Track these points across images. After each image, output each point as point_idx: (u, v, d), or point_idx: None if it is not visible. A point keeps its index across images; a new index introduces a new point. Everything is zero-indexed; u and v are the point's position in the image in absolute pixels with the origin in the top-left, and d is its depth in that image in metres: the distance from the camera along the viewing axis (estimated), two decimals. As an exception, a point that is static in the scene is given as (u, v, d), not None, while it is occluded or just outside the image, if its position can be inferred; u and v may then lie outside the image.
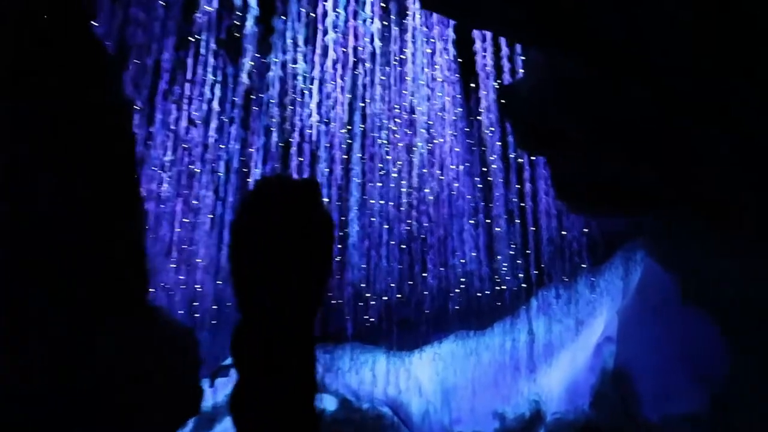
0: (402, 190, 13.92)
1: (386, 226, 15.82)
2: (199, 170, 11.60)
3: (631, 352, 12.20)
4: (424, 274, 17.52)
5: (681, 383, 11.19)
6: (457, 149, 13.69)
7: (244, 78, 10.85)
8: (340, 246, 17.10)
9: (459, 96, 13.05)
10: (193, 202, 12.00)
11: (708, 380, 10.75)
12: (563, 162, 8.67)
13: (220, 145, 12.53)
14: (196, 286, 15.29)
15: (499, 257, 16.57)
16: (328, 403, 19.70)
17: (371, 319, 18.92)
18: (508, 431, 15.75)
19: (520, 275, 16.59)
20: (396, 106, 12.47)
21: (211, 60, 11.30)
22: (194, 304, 15.46)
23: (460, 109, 13.71)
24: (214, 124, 11.90)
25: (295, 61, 11.22)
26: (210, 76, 11.16)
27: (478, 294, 17.00)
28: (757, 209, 6.72)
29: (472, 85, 14.09)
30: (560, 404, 14.18)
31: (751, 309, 9.33)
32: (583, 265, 15.41)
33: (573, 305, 15.95)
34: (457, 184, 14.12)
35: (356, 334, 19.90)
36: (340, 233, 16.88)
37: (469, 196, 15.01)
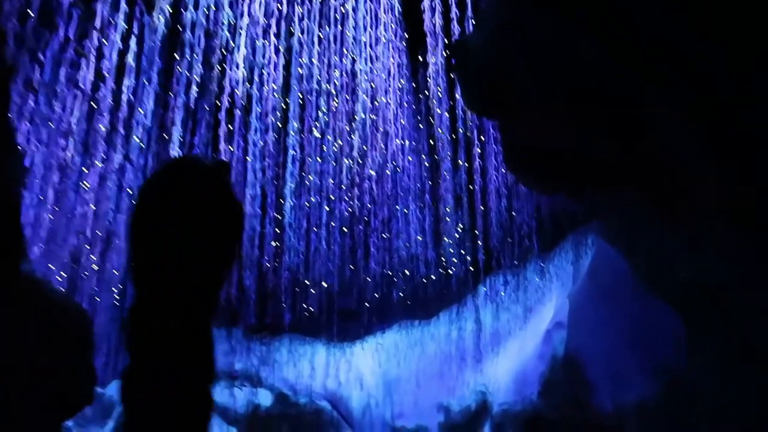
0: (343, 164, 12.81)
1: (326, 207, 14.72)
2: (109, 131, 10.15)
3: (583, 338, 11.52)
4: (366, 260, 16.53)
5: (634, 370, 10.55)
6: (402, 121, 12.69)
7: (160, 27, 9.49)
8: (277, 230, 15.96)
9: (405, 63, 12.03)
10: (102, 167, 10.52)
11: (662, 367, 10.14)
12: (515, 128, 7.85)
13: (139, 110, 11.09)
14: (114, 270, 13.81)
15: (446, 240, 15.74)
16: (263, 397, 18.41)
17: (310, 309, 17.83)
18: (452, 425, 14.90)
19: (467, 259, 15.80)
20: (336, 70, 11.34)
21: (124, 6, 9.90)
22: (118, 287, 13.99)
23: (405, 81, 12.71)
24: (128, 82, 10.47)
25: (217, 16, 9.93)
26: (122, 24, 9.75)
27: (424, 280, 16.11)
28: (711, 191, 6.18)
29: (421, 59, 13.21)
30: (508, 395, 13.42)
31: (706, 293, 8.75)
32: (532, 250, 14.74)
33: (521, 292, 15.27)
34: (401, 159, 13.13)
35: (294, 325, 18.74)
36: (277, 215, 15.70)
37: (415, 174, 14.05)
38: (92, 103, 10.24)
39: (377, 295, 17.16)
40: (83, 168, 10.80)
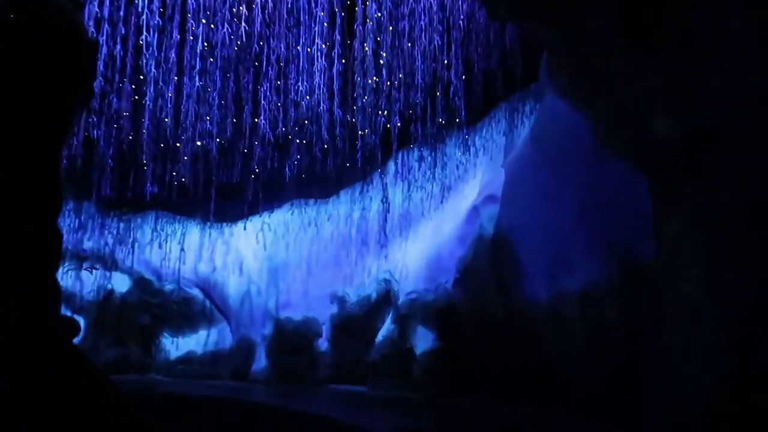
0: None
1: (203, 37, 11.14)
2: None
3: (519, 214, 9.40)
4: (255, 114, 13.29)
5: (581, 250, 8.58)
6: None
7: None
8: (140, 76, 12.20)
9: None
10: None
11: (617, 246, 8.21)
12: None
13: None
14: None
15: (355, 99, 12.82)
16: (118, 282, 15.23)
17: (182, 180, 14.53)
18: (347, 316, 12.71)
19: (377, 128, 13.07)
20: None
21: None
22: None
23: None
24: None
25: None
26: None
27: (324, 147, 13.22)
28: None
29: None
30: (417, 283, 11.30)
31: (687, 146, 6.70)
32: (456, 120, 12.22)
33: (439, 169, 12.89)
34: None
35: (163, 200, 15.45)
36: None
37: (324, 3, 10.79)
38: None
39: (267, 167, 14.17)
40: None
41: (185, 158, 14.09)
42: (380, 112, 12.73)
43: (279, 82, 12.20)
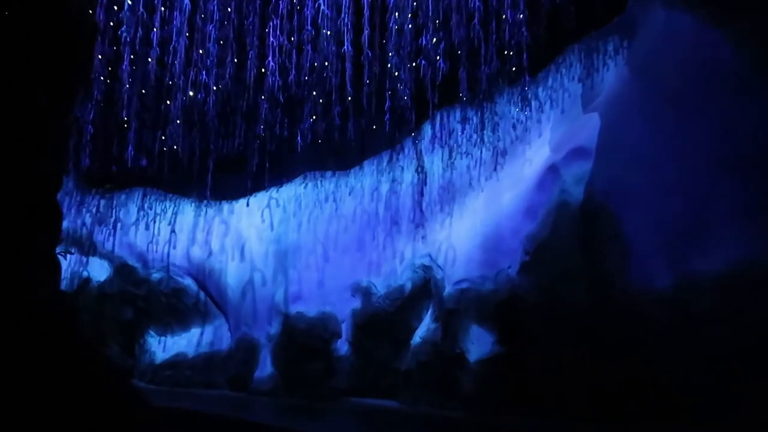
0: None
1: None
2: None
3: (624, 172, 6.85)
4: (261, 66, 10.91)
5: (721, 220, 6.04)
6: None
7: None
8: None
9: None
10: None
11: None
12: None
13: None
14: None
15: (383, 45, 10.39)
16: (96, 269, 12.78)
17: (174, 148, 12.16)
18: (373, 313, 10.18)
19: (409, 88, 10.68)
20: None
21: None
22: None
23: None
24: None
25: None
26: None
27: (345, 107, 10.75)
28: None
29: None
30: (469, 269, 8.77)
31: None
32: (517, 72, 9.64)
33: (488, 130, 10.36)
34: None
35: (151, 175, 13.03)
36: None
37: None
38: None
39: (275, 132, 11.79)
40: None
41: (177, 121, 11.74)
42: (413, 63, 10.24)
43: (292, 20, 9.71)
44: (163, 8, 9.54)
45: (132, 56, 10.33)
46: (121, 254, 12.66)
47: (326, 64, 10.18)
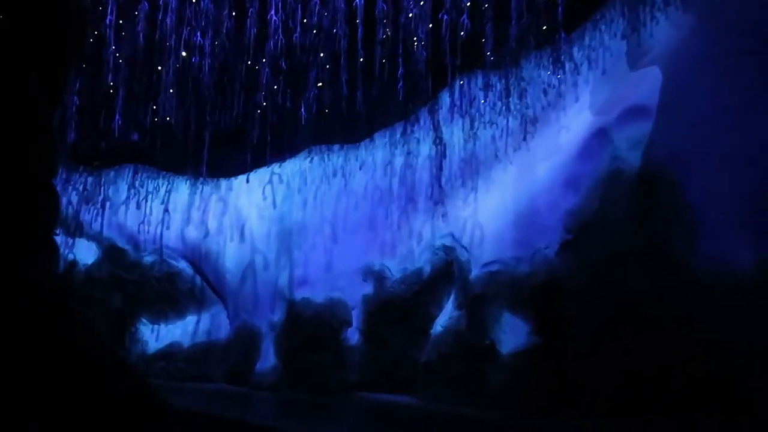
0: None
1: None
2: None
3: (693, 135, 5.79)
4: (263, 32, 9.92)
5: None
6: None
7: None
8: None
9: None
10: None
11: None
12: None
13: None
14: None
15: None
16: (82, 252, 11.80)
17: (168, 120, 11.20)
18: (387, 299, 9.22)
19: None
20: None
21: None
22: None
23: None
24: None
25: None
26: None
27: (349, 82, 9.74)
28: None
29: None
30: (500, 249, 7.79)
31: None
32: (551, 29, 8.57)
33: (514, 98, 9.33)
34: None
35: (143, 150, 12.06)
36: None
37: None
38: None
39: (277, 102, 10.81)
40: None
41: (170, 91, 10.75)
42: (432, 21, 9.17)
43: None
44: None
45: (118, 15, 9.32)
46: (110, 236, 11.70)
47: (335, 19, 9.12)
